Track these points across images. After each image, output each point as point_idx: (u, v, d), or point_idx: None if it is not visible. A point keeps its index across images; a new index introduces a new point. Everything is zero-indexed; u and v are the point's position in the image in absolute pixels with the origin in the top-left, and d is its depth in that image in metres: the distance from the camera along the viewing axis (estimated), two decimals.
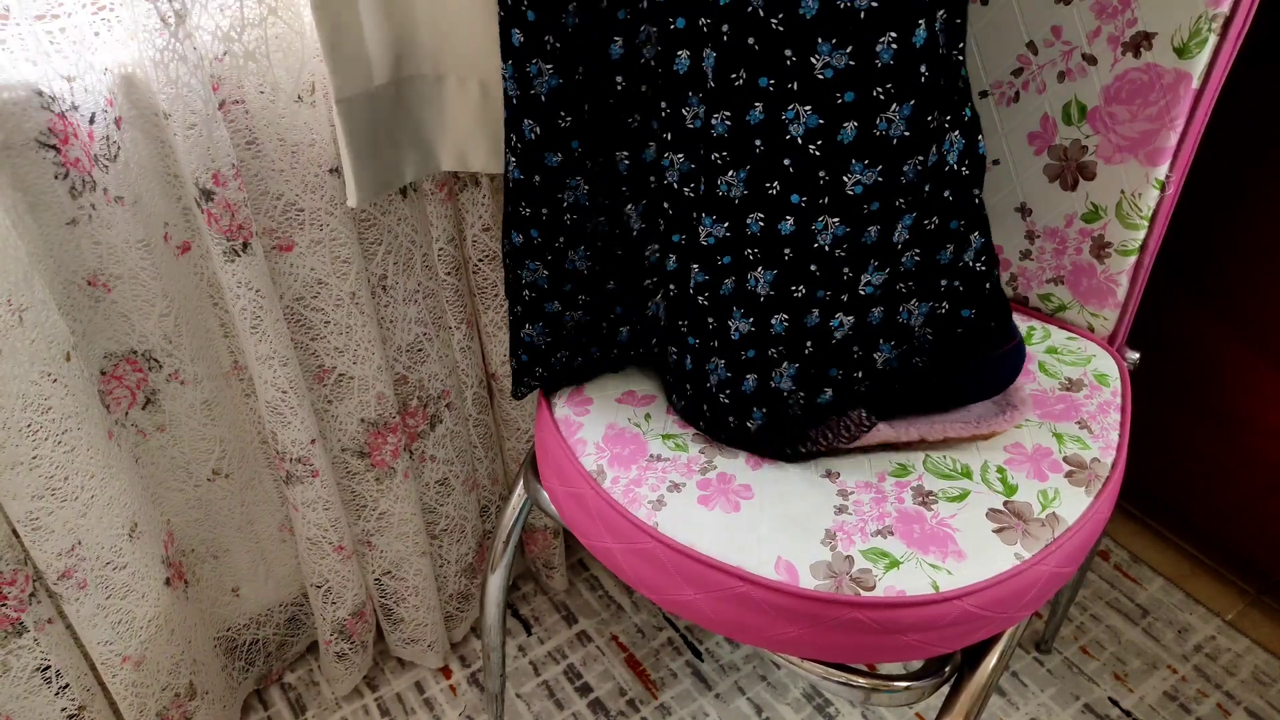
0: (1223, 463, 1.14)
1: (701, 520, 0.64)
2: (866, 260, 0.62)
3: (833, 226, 0.61)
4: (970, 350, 0.67)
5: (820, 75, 0.56)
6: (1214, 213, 1.05)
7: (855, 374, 0.67)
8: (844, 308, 0.64)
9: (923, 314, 0.66)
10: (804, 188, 0.60)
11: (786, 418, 0.68)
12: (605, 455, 0.70)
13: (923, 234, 0.63)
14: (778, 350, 0.65)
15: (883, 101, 0.56)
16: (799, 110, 0.57)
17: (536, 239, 0.69)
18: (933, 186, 0.62)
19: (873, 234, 0.61)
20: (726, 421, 0.68)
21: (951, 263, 0.65)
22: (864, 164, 0.58)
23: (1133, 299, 0.78)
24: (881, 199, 0.60)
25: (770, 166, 0.60)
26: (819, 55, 0.55)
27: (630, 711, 1.07)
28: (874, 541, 0.61)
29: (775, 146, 0.59)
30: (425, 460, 0.98)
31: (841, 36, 0.55)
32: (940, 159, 0.61)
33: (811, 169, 0.59)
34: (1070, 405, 0.72)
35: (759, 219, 0.61)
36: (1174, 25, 0.67)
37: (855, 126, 0.57)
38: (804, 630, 0.60)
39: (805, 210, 0.60)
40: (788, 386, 0.66)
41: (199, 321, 0.82)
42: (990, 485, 0.65)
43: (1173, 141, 0.71)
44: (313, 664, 1.13)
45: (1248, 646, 1.12)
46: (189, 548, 0.92)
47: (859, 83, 0.56)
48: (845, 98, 0.56)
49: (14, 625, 0.74)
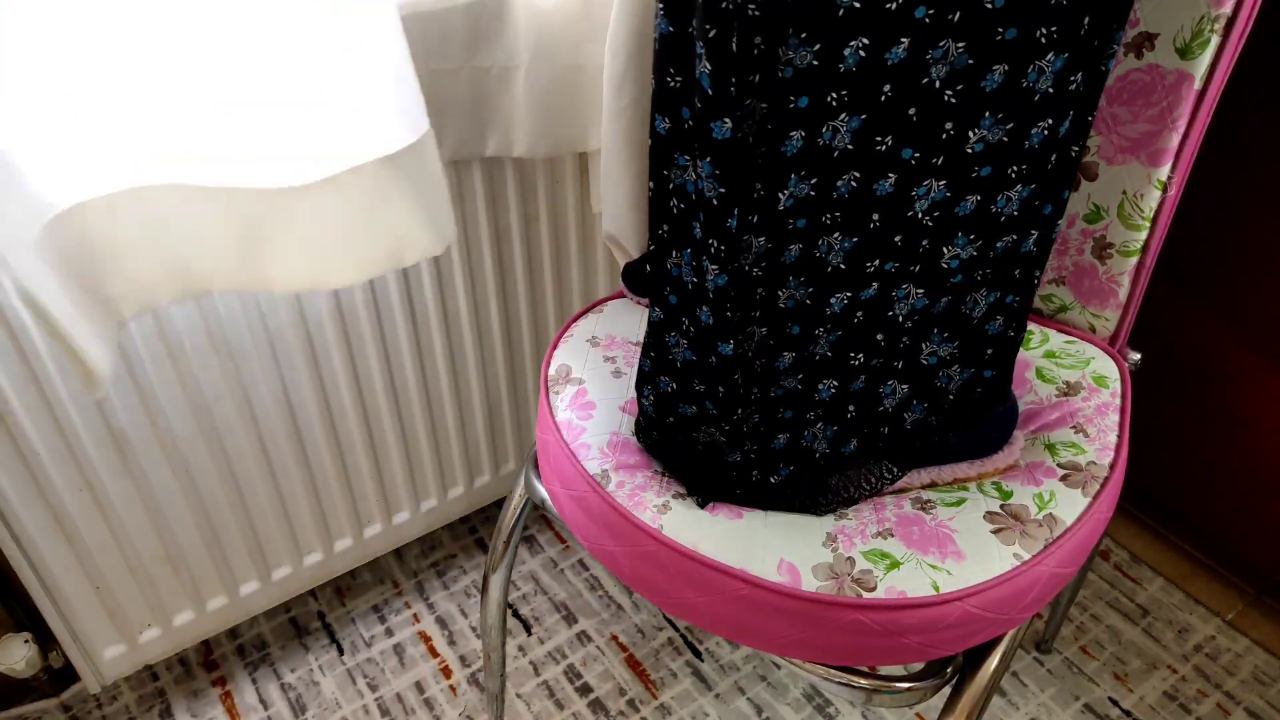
0: (1223, 463, 1.14)
1: (705, 525, 0.64)
2: (932, 330, 0.61)
3: (914, 297, 0.59)
4: (992, 403, 0.67)
5: (970, 150, 0.54)
6: (1215, 214, 1.05)
7: (881, 429, 0.66)
8: (898, 375, 0.62)
9: (962, 380, 0.65)
10: (904, 258, 0.58)
11: (811, 469, 0.66)
12: (609, 460, 0.70)
13: (996, 307, 0.62)
14: (816, 413, 0.63)
15: (1011, 180, 0.56)
16: (933, 184, 0.55)
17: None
18: (1011, 264, 0.61)
19: (942, 304, 0.60)
20: (749, 478, 0.65)
21: (999, 333, 0.64)
22: (969, 238, 0.57)
23: (1134, 300, 0.78)
24: (967, 272, 0.59)
25: (882, 239, 0.57)
26: (978, 130, 0.54)
27: (630, 711, 1.07)
28: (874, 543, 0.61)
29: (895, 219, 0.56)
30: None
31: (1007, 114, 0.53)
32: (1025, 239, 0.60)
33: (919, 240, 0.57)
34: (1065, 412, 0.72)
35: (845, 295, 0.59)
36: (1176, 26, 0.67)
37: (977, 200, 0.56)
38: (805, 632, 0.60)
39: (893, 277, 0.58)
40: (822, 448, 0.65)
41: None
42: (986, 493, 0.66)
43: (1175, 142, 0.70)
44: (312, 664, 1.13)
45: (1248, 646, 1.12)
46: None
47: (1000, 159, 0.55)
48: (982, 171, 0.55)
49: None
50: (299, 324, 0.90)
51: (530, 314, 1.08)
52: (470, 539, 1.29)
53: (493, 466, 1.17)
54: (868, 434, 0.65)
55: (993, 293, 0.61)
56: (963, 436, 0.67)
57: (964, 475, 0.68)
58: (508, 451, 1.17)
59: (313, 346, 0.93)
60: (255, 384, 0.91)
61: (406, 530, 1.13)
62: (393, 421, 1.03)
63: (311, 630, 1.17)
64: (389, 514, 1.11)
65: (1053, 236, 0.61)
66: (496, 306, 1.04)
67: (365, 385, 0.99)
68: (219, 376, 0.88)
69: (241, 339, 0.88)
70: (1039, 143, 0.55)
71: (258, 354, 0.90)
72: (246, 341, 0.88)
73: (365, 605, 1.20)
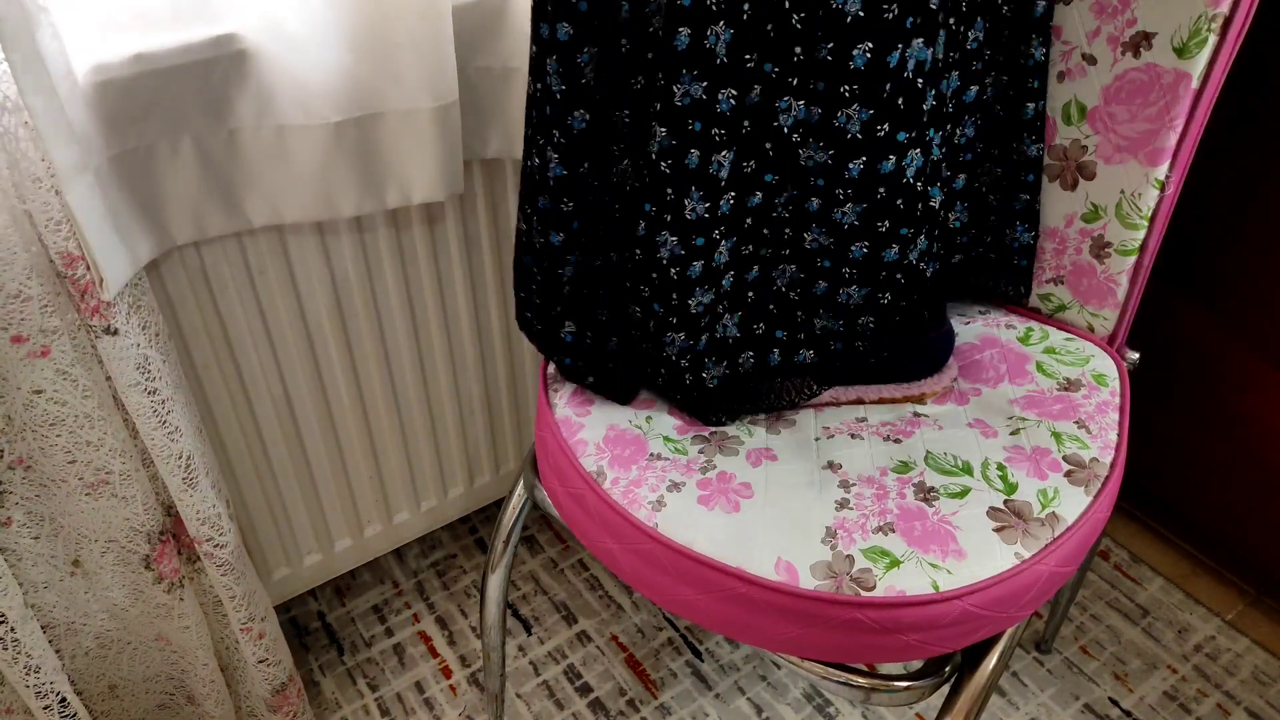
0: (1223, 463, 1.14)
1: (701, 520, 0.64)
2: (810, 224, 0.69)
3: (786, 194, 0.68)
4: (911, 333, 0.73)
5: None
6: (1214, 213, 1.05)
7: (799, 336, 0.73)
8: (786, 260, 0.71)
9: (861, 298, 0.70)
10: (782, 168, 0.66)
11: (740, 376, 0.74)
12: (605, 456, 0.70)
13: (872, 231, 0.68)
14: (724, 304, 0.71)
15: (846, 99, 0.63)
16: (792, 102, 0.63)
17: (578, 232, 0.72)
18: (888, 191, 0.66)
19: (815, 204, 0.68)
20: (683, 381, 0.72)
21: (896, 261, 0.69)
22: (820, 145, 0.65)
23: (1132, 299, 0.78)
24: (830, 183, 0.66)
25: (754, 147, 0.65)
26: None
27: (630, 711, 1.07)
28: (874, 540, 0.61)
29: (763, 130, 0.64)
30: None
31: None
32: (899, 170, 0.66)
33: (795, 151, 0.66)
34: (1068, 405, 0.72)
35: (731, 198, 0.66)
36: (1174, 25, 0.68)
37: (820, 113, 0.64)
38: (804, 630, 0.60)
39: (775, 186, 0.67)
40: (734, 334, 0.72)
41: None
42: (990, 482, 0.65)
43: (1172, 141, 0.71)
44: (312, 664, 1.13)
45: (1248, 646, 1.12)
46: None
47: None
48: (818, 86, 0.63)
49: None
50: (299, 323, 0.91)
51: None
52: (470, 539, 1.29)
53: (493, 466, 1.17)
54: (786, 340, 0.74)
55: (878, 221, 0.68)
56: (906, 354, 0.74)
57: (890, 395, 0.75)
58: (508, 451, 1.17)
59: (312, 346, 0.93)
60: (255, 383, 0.91)
61: (406, 530, 1.13)
62: (392, 421, 1.03)
63: (311, 630, 1.17)
64: (389, 514, 1.11)
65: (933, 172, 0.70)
66: (496, 306, 1.04)
67: (365, 385, 0.99)
68: (217, 375, 0.89)
69: (241, 338, 0.88)
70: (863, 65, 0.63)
71: (257, 353, 0.90)
72: (246, 341, 0.88)
73: (365, 605, 1.20)
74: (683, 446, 0.71)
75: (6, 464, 0.74)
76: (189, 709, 0.98)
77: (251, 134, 0.76)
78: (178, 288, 0.82)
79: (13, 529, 0.77)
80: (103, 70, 0.69)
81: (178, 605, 0.87)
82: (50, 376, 0.72)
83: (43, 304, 0.69)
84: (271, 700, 0.97)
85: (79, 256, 0.69)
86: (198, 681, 0.93)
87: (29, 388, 0.72)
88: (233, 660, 0.97)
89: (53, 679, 0.77)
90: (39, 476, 0.76)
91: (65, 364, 0.72)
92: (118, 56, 0.69)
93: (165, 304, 0.83)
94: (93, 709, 0.92)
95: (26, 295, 0.68)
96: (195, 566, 0.89)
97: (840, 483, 0.66)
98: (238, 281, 0.85)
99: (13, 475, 0.75)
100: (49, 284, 0.69)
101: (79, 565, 0.82)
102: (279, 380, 0.93)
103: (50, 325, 0.70)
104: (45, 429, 0.74)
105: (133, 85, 0.70)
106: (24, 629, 0.74)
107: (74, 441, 0.75)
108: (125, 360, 0.73)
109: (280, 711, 0.98)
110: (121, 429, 0.77)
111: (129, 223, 0.74)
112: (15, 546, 0.77)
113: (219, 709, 0.96)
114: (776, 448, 0.71)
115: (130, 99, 0.70)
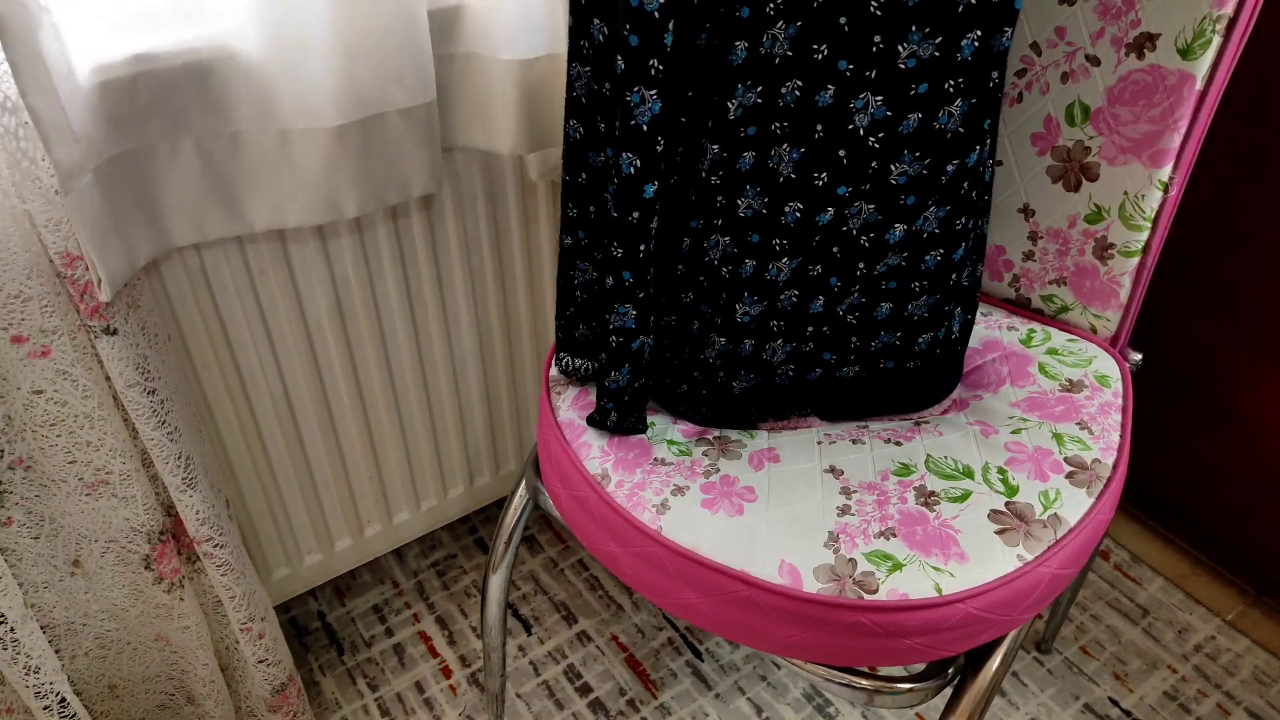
0: (1223, 463, 1.14)
1: (705, 524, 0.64)
2: (888, 250, 0.65)
3: (865, 212, 0.63)
4: (963, 344, 0.71)
5: (902, 65, 0.58)
6: (1217, 214, 1.05)
7: (849, 357, 0.71)
8: (857, 291, 0.67)
9: (927, 309, 0.68)
10: (853, 178, 0.62)
11: (773, 386, 0.72)
12: (610, 459, 0.70)
13: (950, 232, 0.65)
14: (779, 325, 0.68)
15: (950, 95, 0.59)
16: (869, 99, 0.60)
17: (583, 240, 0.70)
18: (970, 185, 0.64)
19: (898, 231, 0.65)
20: (715, 379, 0.71)
21: (961, 260, 0.67)
22: (914, 155, 0.61)
23: (1135, 300, 0.78)
24: (920, 192, 0.62)
25: (826, 153, 0.61)
26: (907, 44, 0.58)
27: (630, 711, 1.07)
28: (877, 544, 0.61)
29: (837, 134, 0.61)
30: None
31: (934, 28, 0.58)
32: (978, 163, 0.64)
33: (866, 159, 0.61)
34: (1070, 406, 0.72)
35: (798, 208, 0.63)
36: (1178, 26, 0.67)
37: (919, 118, 0.60)
38: (807, 633, 0.60)
39: (848, 199, 0.63)
40: (781, 358, 0.70)
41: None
42: (992, 485, 0.65)
43: (1176, 143, 0.70)
44: (312, 664, 1.13)
45: (1248, 646, 1.12)
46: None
47: (935, 75, 0.59)
48: (919, 89, 0.59)
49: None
50: (299, 324, 0.90)
51: (530, 314, 1.08)
52: (470, 539, 1.29)
53: (493, 466, 1.16)
54: (833, 362, 0.71)
55: (956, 219, 0.65)
56: (934, 383, 0.73)
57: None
58: (508, 451, 1.17)
59: (312, 346, 0.93)
60: (255, 383, 0.91)
61: (406, 530, 1.13)
62: (392, 421, 1.03)
63: (311, 630, 1.17)
64: (389, 514, 1.10)
65: (986, 176, 0.67)
66: (496, 306, 1.04)
67: (365, 385, 0.99)
68: (218, 375, 0.88)
69: (241, 338, 0.88)
70: (971, 55, 0.59)
71: (257, 353, 0.90)
72: (246, 341, 0.88)
73: (365, 605, 1.20)
74: (686, 449, 0.71)
75: (6, 464, 0.74)
76: (189, 709, 0.98)
77: (254, 137, 0.76)
78: (178, 287, 0.82)
79: (13, 529, 0.77)
80: (104, 71, 0.68)
81: (178, 605, 0.87)
82: (50, 376, 0.72)
83: (43, 304, 0.69)
84: (271, 700, 0.97)
85: (79, 256, 0.68)
86: (198, 681, 0.93)
87: (29, 388, 0.71)
88: (233, 660, 0.96)
89: (52, 679, 0.77)
90: (39, 476, 0.76)
91: (65, 364, 0.72)
92: (119, 57, 0.69)
93: (165, 304, 0.82)
94: (93, 709, 0.92)
95: (26, 295, 0.68)
96: (195, 567, 0.89)
97: (842, 488, 0.66)
98: (238, 281, 0.85)
99: (13, 475, 0.75)
100: (49, 284, 0.69)
101: (79, 565, 0.82)
102: (279, 380, 0.92)
103: (50, 325, 0.70)
104: (45, 429, 0.73)
105: (133, 86, 0.70)
106: (24, 629, 0.74)
107: (74, 441, 0.75)
108: (125, 360, 0.73)
109: (280, 711, 0.98)
110: (121, 429, 0.77)
111: (128, 224, 0.73)
112: (15, 546, 0.77)
113: (219, 709, 0.95)
114: (779, 451, 0.71)
115: (131, 100, 0.70)
